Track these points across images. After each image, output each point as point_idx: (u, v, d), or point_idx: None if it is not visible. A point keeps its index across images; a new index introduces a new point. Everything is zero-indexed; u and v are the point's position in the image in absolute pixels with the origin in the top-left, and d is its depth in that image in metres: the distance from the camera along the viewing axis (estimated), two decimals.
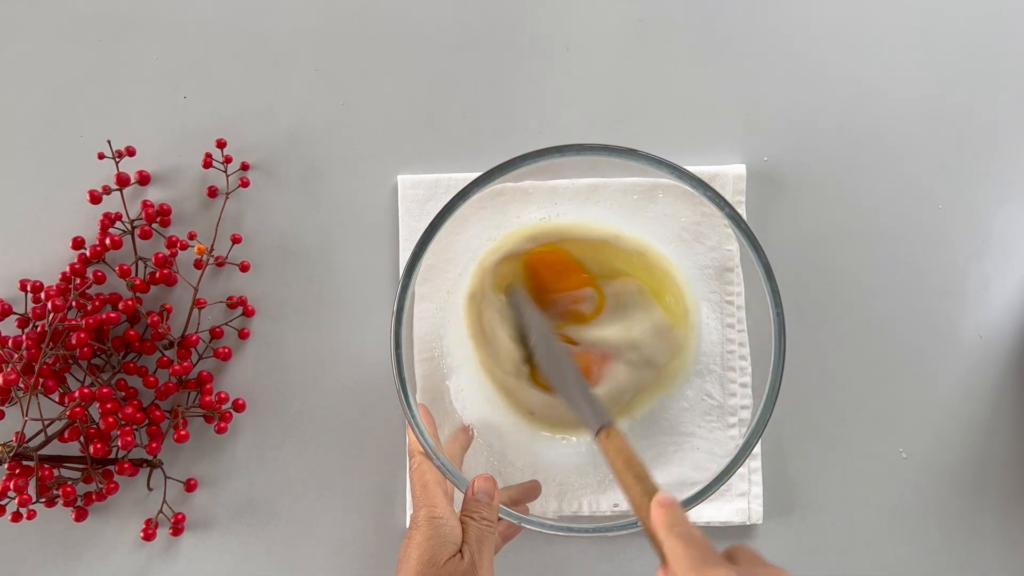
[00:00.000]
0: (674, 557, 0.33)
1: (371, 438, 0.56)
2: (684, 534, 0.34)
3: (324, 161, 0.58)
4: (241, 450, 0.57)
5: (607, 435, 0.42)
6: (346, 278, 0.57)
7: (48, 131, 0.59)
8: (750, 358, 0.54)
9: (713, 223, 0.52)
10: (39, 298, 0.55)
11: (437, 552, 0.41)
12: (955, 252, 0.57)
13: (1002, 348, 0.56)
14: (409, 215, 0.57)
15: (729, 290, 0.54)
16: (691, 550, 0.33)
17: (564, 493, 0.54)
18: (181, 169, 0.58)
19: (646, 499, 0.37)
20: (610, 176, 0.55)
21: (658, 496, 0.37)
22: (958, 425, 0.56)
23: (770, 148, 0.57)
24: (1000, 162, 0.57)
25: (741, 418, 0.53)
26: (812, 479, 0.56)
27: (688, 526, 0.35)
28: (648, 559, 0.55)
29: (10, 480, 0.51)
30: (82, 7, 0.60)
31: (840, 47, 0.58)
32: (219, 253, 0.57)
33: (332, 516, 0.56)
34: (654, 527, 0.36)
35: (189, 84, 0.59)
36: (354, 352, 0.57)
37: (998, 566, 0.56)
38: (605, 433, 0.43)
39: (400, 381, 0.45)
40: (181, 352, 0.55)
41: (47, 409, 0.53)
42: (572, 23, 0.59)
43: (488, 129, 0.58)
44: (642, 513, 0.37)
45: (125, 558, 0.57)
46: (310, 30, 0.59)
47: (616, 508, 0.54)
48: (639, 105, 0.58)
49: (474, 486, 0.45)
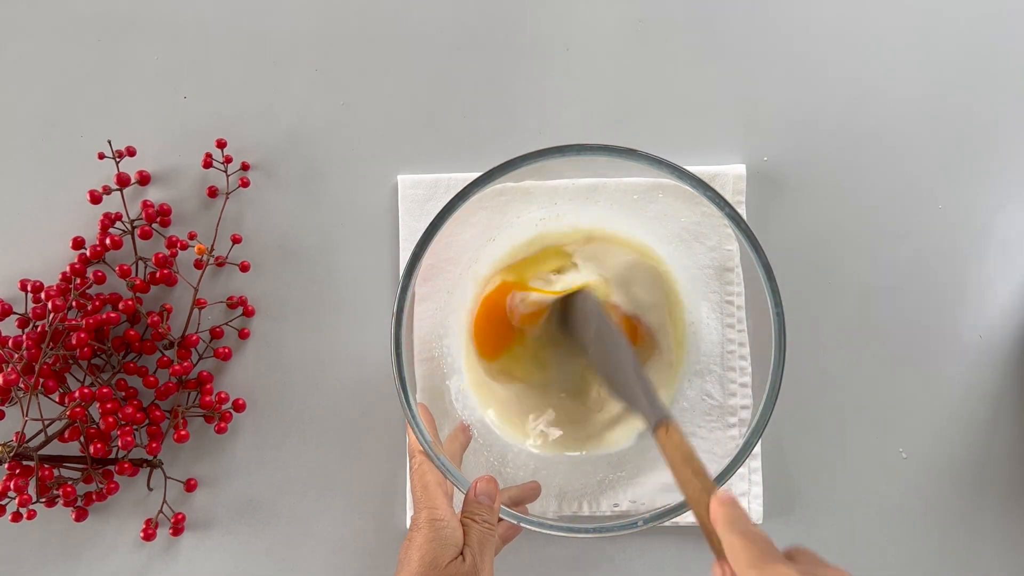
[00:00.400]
0: (733, 553, 0.34)
1: (371, 438, 0.56)
2: (745, 531, 0.34)
3: (324, 161, 0.58)
4: (241, 450, 0.57)
5: (666, 430, 0.42)
6: (346, 278, 0.57)
7: (48, 131, 0.59)
8: (750, 358, 0.54)
9: (713, 223, 0.52)
10: (39, 298, 0.55)
11: (439, 554, 0.41)
12: (955, 252, 0.57)
13: (1002, 348, 0.56)
14: (409, 215, 0.57)
15: (729, 290, 0.54)
16: (751, 547, 0.33)
17: (564, 493, 0.54)
18: (181, 169, 0.58)
19: (704, 495, 0.37)
20: (610, 176, 0.55)
21: (718, 493, 0.37)
22: (958, 425, 0.56)
23: (770, 148, 0.57)
24: (1000, 162, 0.57)
25: (741, 418, 0.53)
26: (812, 479, 0.56)
27: (749, 523, 0.35)
28: (648, 559, 0.55)
29: (10, 480, 0.51)
30: (82, 7, 0.60)
31: (840, 47, 0.58)
32: (219, 253, 0.57)
33: (332, 516, 0.56)
34: (713, 523, 0.36)
35: (189, 84, 0.59)
36: (354, 352, 0.57)
37: (998, 566, 0.56)
38: (664, 428, 0.42)
39: (400, 381, 0.45)
40: (181, 352, 0.55)
41: (47, 409, 0.53)
42: (572, 23, 0.59)
43: (488, 129, 0.58)
44: (700, 509, 0.37)
45: (125, 558, 0.57)
46: (310, 30, 0.59)
47: (616, 508, 0.54)
48: (639, 105, 0.58)
49: (476, 488, 0.44)
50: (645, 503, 0.53)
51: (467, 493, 0.44)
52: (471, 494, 0.44)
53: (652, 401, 0.44)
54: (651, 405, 0.44)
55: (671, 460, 0.41)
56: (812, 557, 0.35)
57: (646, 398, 0.45)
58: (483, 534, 0.43)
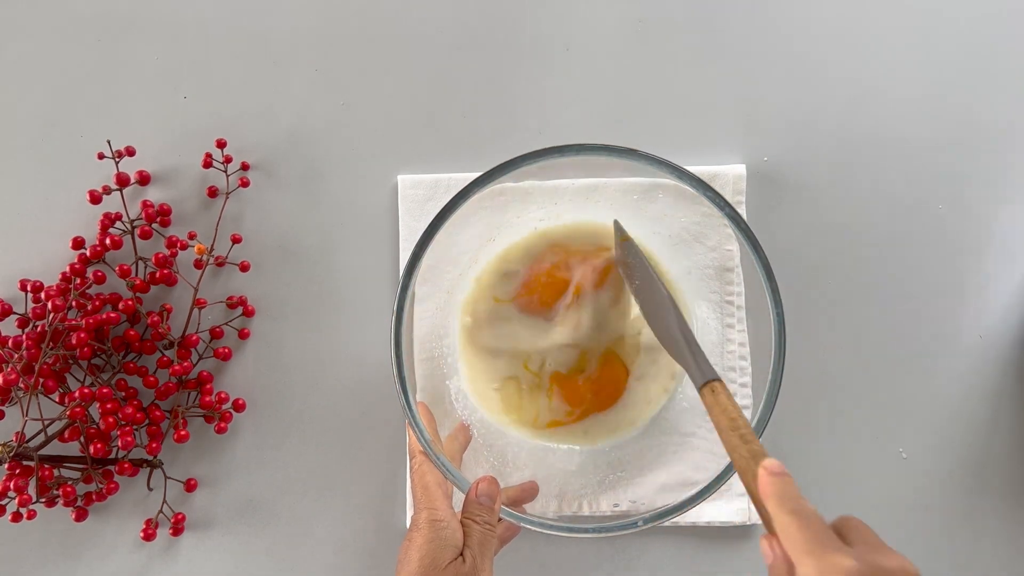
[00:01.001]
0: (787, 535, 0.32)
1: (371, 438, 0.56)
2: (797, 510, 0.32)
3: (324, 161, 0.58)
4: (241, 450, 0.57)
5: (712, 391, 0.40)
6: (346, 278, 0.57)
7: (48, 131, 0.59)
8: (750, 358, 0.54)
9: (713, 223, 0.52)
10: (39, 298, 0.55)
11: (438, 555, 0.41)
12: (955, 252, 0.57)
13: (1002, 348, 0.56)
14: (409, 215, 0.57)
15: (729, 290, 0.54)
16: (806, 530, 0.31)
17: (564, 493, 0.54)
18: (181, 169, 0.58)
19: (753, 462, 0.35)
20: (610, 176, 0.55)
21: (766, 462, 0.35)
22: (958, 425, 0.56)
23: (770, 148, 0.57)
24: (1000, 162, 0.57)
25: None
26: (812, 479, 0.56)
27: (800, 500, 0.33)
28: (648, 559, 0.55)
29: (10, 480, 0.51)
30: (82, 7, 0.60)
31: (840, 47, 0.58)
32: (219, 253, 0.57)
33: (332, 516, 0.56)
34: (763, 496, 0.34)
35: (189, 84, 0.59)
36: (354, 352, 0.57)
37: (998, 566, 0.56)
38: (710, 388, 0.40)
39: (400, 381, 0.45)
40: (181, 352, 0.55)
41: (47, 409, 0.53)
42: (572, 23, 0.59)
43: (488, 129, 0.58)
44: (747, 477, 0.35)
45: (125, 558, 0.57)
46: (310, 30, 0.59)
47: (616, 508, 0.54)
48: (639, 105, 0.58)
49: (477, 488, 0.44)
50: (645, 503, 0.52)
51: (468, 494, 0.44)
52: (472, 495, 0.44)
53: (698, 360, 0.43)
54: (697, 364, 0.42)
55: (717, 423, 0.39)
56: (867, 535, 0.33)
57: (692, 356, 0.43)
58: (483, 535, 0.43)
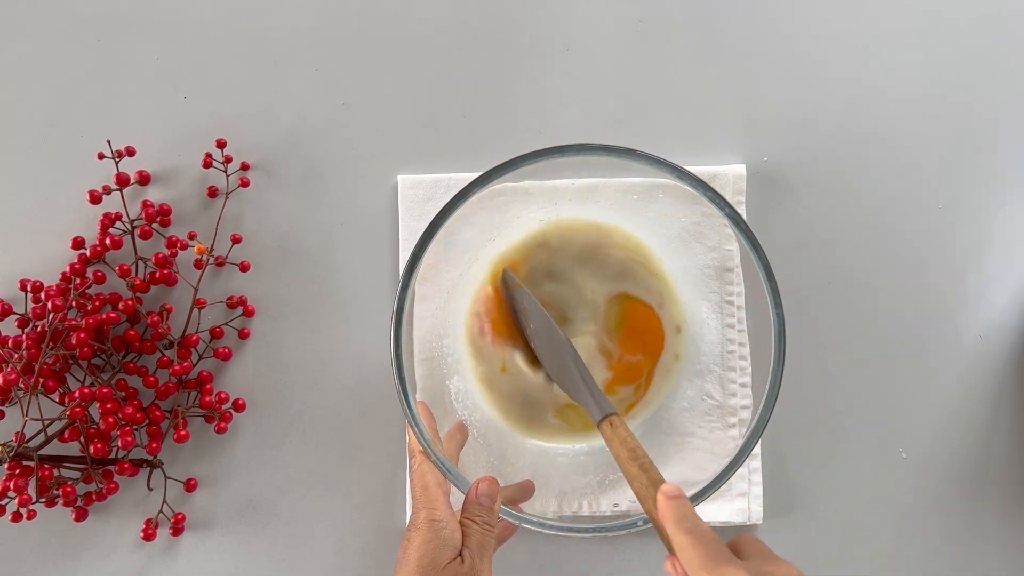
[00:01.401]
0: (684, 554, 0.34)
1: (371, 438, 0.56)
2: (692, 529, 0.34)
3: (324, 161, 0.58)
4: (241, 450, 0.57)
5: (611, 425, 0.42)
6: (346, 278, 0.57)
7: (48, 131, 0.59)
8: (750, 358, 0.54)
9: (713, 223, 0.52)
10: (39, 298, 0.55)
11: (437, 555, 0.41)
12: (955, 252, 0.57)
13: (1002, 348, 0.56)
14: (409, 215, 0.57)
15: (729, 290, 0.54)
16: (701, 548, 0.33)
17: (564, 493, 0.54)
18: (181, 169, 0.58)
19: (652, 489, 0.37)
20: (610, 176, 0.55)
21: (664, 488, 0.36)
22: (958, 425, 0.56)
23: (770, 148, 0.57)
24: (1000, 162, 0.57)
25: (741, 418, 0.53)
26: (812, 479, 0.56)
27: (696, 520, 0.35)
28: (648, 559, 0.55)
29: (10, 480, 0.51)
30: (82, 7, 0.60)
31: (840, 47, 0.58)
32: (219, 253, 0.57)
33: (332, 516, 0.56)
34: (661, 519, 0.36)
35: (189, 84, 0.59)
36: (354, 352, 0.57)
37: (998, 566, 0.56)
38: (608, 423, 0.43)
39: (400, 381, 0.45)
40: (181, 352, 0.55)
41: (47, 409, 0.53)
42: (572, 23, 0.59)
43: (488, 129, 0.58)
44: (647, 504, 0.37)
45: (125, 558, 0.57)
46: (310, 30, 0.59)
47: (616, 508, 0.54)
48: (639, 105, 0.58)
49: (477, 489, 0.44)
50: None
51: (468, 494, 0.44)
52: (472, 495, 0.44)
53: (596, 396, 0.45)
54: (595, 400, 0.44)
55: (617, 454, 0.41)
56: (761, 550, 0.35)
57: (590, 393, 0.45)
58: (483, 535, 0.43)
